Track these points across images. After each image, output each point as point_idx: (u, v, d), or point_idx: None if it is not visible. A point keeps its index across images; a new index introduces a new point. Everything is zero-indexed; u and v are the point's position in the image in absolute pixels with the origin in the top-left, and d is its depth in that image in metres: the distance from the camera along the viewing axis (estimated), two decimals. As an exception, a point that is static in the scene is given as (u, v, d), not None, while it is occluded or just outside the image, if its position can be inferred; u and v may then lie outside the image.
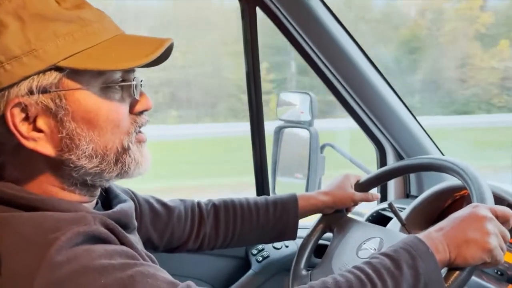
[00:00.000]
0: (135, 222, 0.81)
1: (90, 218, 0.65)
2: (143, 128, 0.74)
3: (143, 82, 0.73)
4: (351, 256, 0.99)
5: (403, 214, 1.15)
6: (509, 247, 1.02)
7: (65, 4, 0.66)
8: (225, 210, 1.07)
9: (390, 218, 1.26)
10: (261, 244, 1.40)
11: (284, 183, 1.52)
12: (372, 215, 1.38)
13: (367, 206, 1.37)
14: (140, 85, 0.73)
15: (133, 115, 0.72)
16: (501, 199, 1.02)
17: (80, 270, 0.59)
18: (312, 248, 1.10)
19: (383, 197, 1.50)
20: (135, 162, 0.72)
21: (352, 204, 1.11)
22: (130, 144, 0.71)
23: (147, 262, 0.66)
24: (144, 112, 0.74)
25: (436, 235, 0.78)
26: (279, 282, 1.37)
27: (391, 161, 1.47)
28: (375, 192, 1.16)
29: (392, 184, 1.49)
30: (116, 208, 0.75)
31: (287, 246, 1.42)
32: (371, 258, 0.76)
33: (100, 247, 0.62)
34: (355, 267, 0.74)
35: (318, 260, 1.09)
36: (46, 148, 0.66)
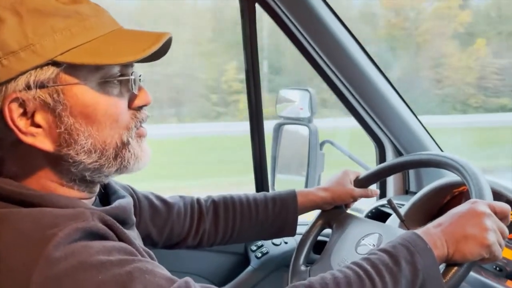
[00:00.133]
0: (134, 218, 0.80)
1: (88, 214, 0.65)
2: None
3: (141, 77, 0.73)
4: (350, 252, 0.99)
5: (402, 210, 1.15)
6: (507, 243, 1.03)
7: None
8: (225, 206, 1.07)
9: (389, 214, 1.26)
10: (260, 240, 1.40)
11: (283, 180, 1.52)
12: (371, 211, 1.38)
13: (366, 202, 1.38)
14: (139, 80, 0.72)
15: (132, 110, 0.72)
16: (499, 195, 1.02)
17: (78, 266, 0.59)
18: (311, 244, 1.10)
19: (382, 193, 1.51)
20: (135, 157, 0.72)
21: (351, 200, 1.11)
22: (130, 139, 0.71)
23: (145, 258, 0.66)
24: (144, 107, 0.73)
25: (434, 231, 0.78)
26: (278, 278, 1.37)
27: (390, 158, 1.47)
28: (374, 188, 1.17)
29: (391, 180, 1.49)
30: (115, 204, 0.75)
31: (286, 242, 1.42)
32: (369, 254, 0.76)
33: (98, 243, 0.62)
34: (354, 263, 0.74)
35: (317, 256, 1.09)
36: (44, 143, 0.66)
